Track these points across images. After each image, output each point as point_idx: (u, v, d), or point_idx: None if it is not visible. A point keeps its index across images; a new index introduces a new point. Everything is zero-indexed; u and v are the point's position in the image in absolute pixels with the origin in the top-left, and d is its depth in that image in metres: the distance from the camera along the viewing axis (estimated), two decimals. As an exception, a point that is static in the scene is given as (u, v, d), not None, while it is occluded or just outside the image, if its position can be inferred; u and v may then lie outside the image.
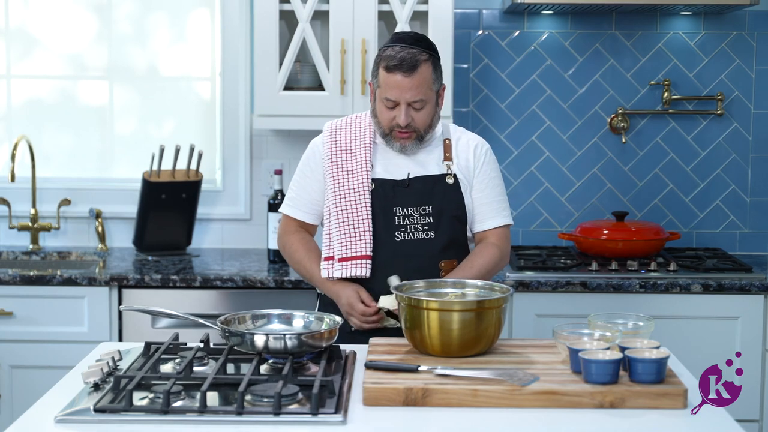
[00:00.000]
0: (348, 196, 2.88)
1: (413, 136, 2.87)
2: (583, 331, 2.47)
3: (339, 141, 2.95)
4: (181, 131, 4.31)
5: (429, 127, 2.90)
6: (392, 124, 2.86)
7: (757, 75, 4.19)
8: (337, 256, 2.88)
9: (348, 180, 2.89)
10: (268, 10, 3.87)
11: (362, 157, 2.91)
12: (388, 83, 2.83)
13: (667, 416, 2.19)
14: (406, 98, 2.82)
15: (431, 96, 2.86)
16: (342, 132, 2.96)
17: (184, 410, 2.15)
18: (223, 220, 4.28)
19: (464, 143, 2.98)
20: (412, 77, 2.81)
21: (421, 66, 2.82)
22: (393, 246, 2.87)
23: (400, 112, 2.83)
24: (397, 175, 2.91)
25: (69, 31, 4.29)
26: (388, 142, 2.90)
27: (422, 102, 2.84)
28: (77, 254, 4.17)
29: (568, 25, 4.19)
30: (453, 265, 2.90)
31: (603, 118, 4.22)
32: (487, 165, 2.98)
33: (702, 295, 3.66)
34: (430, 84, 2.85)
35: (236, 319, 2.57)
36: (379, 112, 2.89)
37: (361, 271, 2.86)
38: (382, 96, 2.85)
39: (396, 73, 2.81)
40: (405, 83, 2.81)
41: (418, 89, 2.82)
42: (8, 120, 4.33)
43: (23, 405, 3.28)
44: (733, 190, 4.24)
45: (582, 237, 3.98)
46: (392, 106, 2.85)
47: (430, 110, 2.88)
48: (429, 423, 2.17)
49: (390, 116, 2.86)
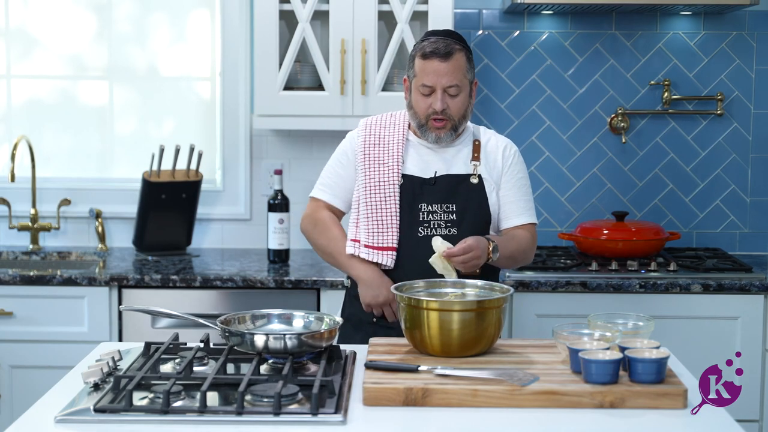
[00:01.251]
0: (378, 189, 2.97)
1: (448, 126, 2.95)
2: (583, 331, 2.47)
3: (373, 135, 3.04)
4: (181, 131, 4.31)
5: (463, 118, 2.98)
6: (428, 112, 2.94)
7: (757, 75, 4.19)
8: (363, 242, 2.98)
9: (379, 173, 2.98)
10: (268, 10, 3.87)
11: (394, 152, 3.00)
12: (425, 69, 2.92)
13: (667, 416, 2.19)
14: (442, 83, 2.90)
15: (465, 84, 2.95)
16: (377, 127, 3.06)
17: (184, 410, 2.15)
18: (223, 220, 4.28)
19: (493, 145, 3.06)
20: (448, 62, 2.90)
21: (455, 53, 2.92)
22: (416, 240, 2.94)
23: (436, 99, 2.91)
24: (425, 172, 3.00)
25: (69, 31, 4.29)
26: (424, 133, 2.98)
27: (457, 88, 2.92)
28: (77, 254, 4.17)
29: (568, 25, 4.19)
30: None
31: (603, 118, 4.22)
32: (515, 165, 3.07)
33: (702, 295, 3.66)
34: (464, 72, 2.94)
35: (236, 319, 2.57)
36: (415, 102, 2.97)
37: (386, 261, 2.95)
38: (419, 84, 2.93)
39: (432, 59, 2.91)
40: (441, 68, 2.90)
41: (453, 74, 2.91)
42: (8, 120, 4.33)
43: (23, 405, 3.28)
44: (733, 190, 4.24)
45: (582, 237, 3.98)
46: (428, 93, 2.93)
47: (465, 99, 2.96)
48: (429, 423, 2.17)
49: (426, 104, 2.93)
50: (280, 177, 4.02)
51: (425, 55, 2.92)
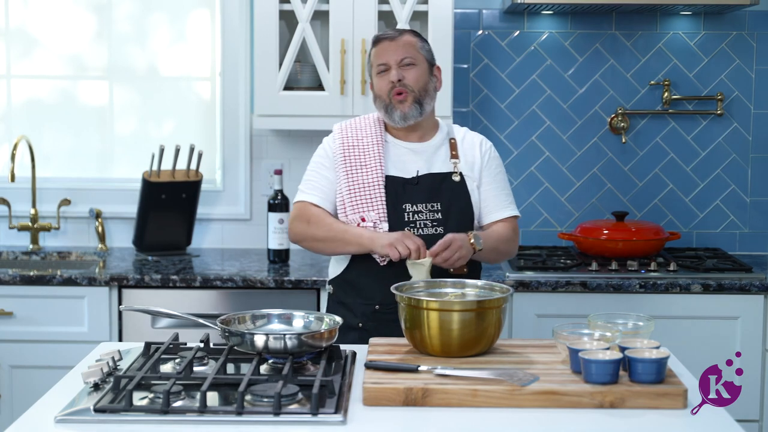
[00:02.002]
0: (362, 190, 2.97)
1: (409, 98, 2.98)
2: (583, 331, 2.47)
3: (351, 137, 3.05)
4: (181, 131, 4.31)
5: (425, 92, 3.01)
6: (388, 89, 2.98)
7: (757, 75, 4.19)
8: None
9: (362, 174, 2.98)
10: (268, 10, 3.87)
11: (375, 153, 3.00)
12: (377, 53, 3.02)
13: (667, 416, 2.19)
14: (394, 58, 2.98)
15: (420, 58, 3.01)
16: (353, 130, 3.07)
17: (184, 410, 2.15)
18: (223, 220, 4.28)
19: (469, 141, 3.09)
20: (397, 41, 3.01)
21: (405, 34, 3.04)
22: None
23: (391, 72, 2.98)
24: (406, 173, 3.01)
25: (69, 31, 4.29)
26: (390, 115, 3.00)
27: (410, 59, 2.99)
28: (77, 254, 4.17)
29: (568, 25, 4.19)
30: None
31: (603, 118, 4.22)
32: (493, 161, 3.09)
33: (702, 295, 3.66)
34: (416, 48, 3.02)
35: (236, 319, 2.57)
36: (377, 87, 3.02)
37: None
38: (376, 70, 3.01)
39: (382, 41, 3.02)
40: (390, 46, 3.00)
41: (403, 48, 2.99)
42: (8, 120, 4.33)
43: (23, 405, 3.28)
44: (733, 190, 4.24)
45: (582, 237, 3.98)
46: (384, 70, 2.99)
47: (422, 72, 3.01)
48: (429, 423, 2.17)
49: (385, 81, 2.99)
50: (280, 177, 4.01)
51: (376, 41, 3.03)
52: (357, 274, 3.00)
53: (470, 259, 2.96)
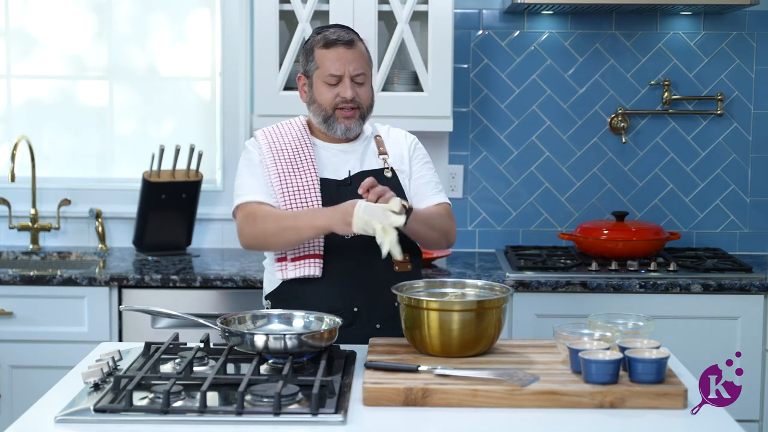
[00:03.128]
0: (297, 194, 2.84)
1: (357, 115, 2.89)
2: (583, 331, 2.47)
3: (277, 142, 2.92)
4: (181, 131, 4.31)
5: (370, 107, 2.93)
6: (335, 102, 2.86)
7: (757, 75, 4.19)
8: (290, 256, 2.85)
9: (295, 178, 2.86)
10: (268, 10, 3.87)
11: (306, 155, 2.89)
12: (330, 58, 2.85)
13: (667, 416, 2.19)
14: (350, 70, 2.85)
15: (369, 73, 2.92)
16: (277, 135, 2.95)
17: (184, 410, 2.15)
18: (223, 220, 4.28)
19: (393, 136, 3.02)
20: (353, 50, 2.87)
21: (357, 41, 2.90)
22: (343, 243, 2.83)
23: (344, 87, 2.85)
24: (338, 174, 2.91)
25: (69, 31, 4.29)
26: (330, 126, 2.88)
27: (364, 76, 2.88)
28: (77, 254, 4.17)
29: (568, 25, 4.19)
30: (405, 257, 2.84)
31: (603, 118, 4.22)
32: (418, 151, 3.03)
33: (702, 295, 3.66)
34: (367, 60, 2.92)
35: (236, 319, 2.57)
36: (319, 95, 2.88)
37: (313, 271, 2.83)
38: (324, 75, 2.86)
39: (337, 46, 2.86)
40: (348, 55, 2.85)
41: (359, 62, 2.87)
42: (8, 120, 4.33)
43: (23, 405, 3.28)
44: (733, 190, 4.24)
45: (582, 237, 3.98)
46: (335, 83, 2.86)
47: (370, 88, 2.92)
48: (429, 423, 2.17)
49: (333, 94, 2.86)
50: (280, 177, 4.01)
51: (328, 44, 2.86)
52: (294, 284, 2.85)
53: (414, 251, 2.90)
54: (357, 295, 2.84)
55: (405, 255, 2.81)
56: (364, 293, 2.84)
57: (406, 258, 2.87)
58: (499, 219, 4.26)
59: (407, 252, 2.86)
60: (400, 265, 2.87)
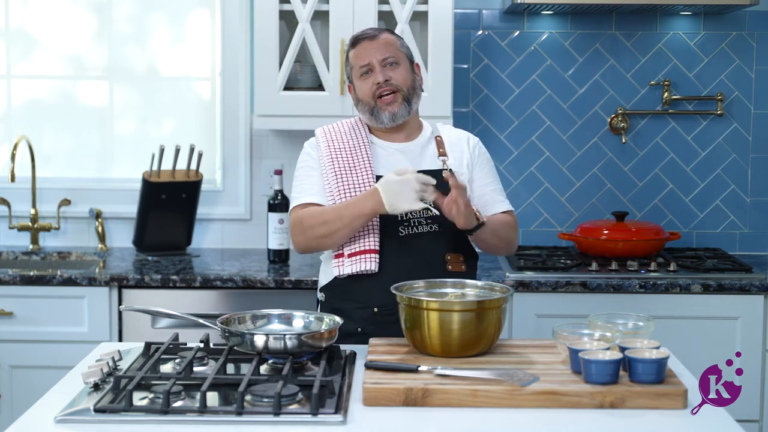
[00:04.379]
0: (354, 192, 2.87)
1: (399, 97, 2.91)
2: (583, 331, 2.47)
3: (336, 140, 2.97)
4: (181, 131, 4.31)
5: (413, 90, 2.95)
6: (373, 90, 2.91)
7: (757, 75, 4.19)
8: (347, 252, 2.87)
9: (352, 176, 2.89)
10: (268, 10, 3.87)
11: (363, 154, 2.93)
12: (358, 55, 2.94)
13: (667, 416, 2.19)
14: (376, 57, 2.91)
15: (402, 57, 2.95)
16: (336, 133, 3.00)
17: (184, 410, 2.15)
18: (223, 220, 4.28)
19: (455, 138, 3.04)
20: (377, 40, 2.93)
21: (383, 33, 2.97)
22: (398, 241, 2.87)
23: (376, 73, 2.91)
24: None
25: (69, 32, 4.29)
26: (377, 117, 2.92)
27: (394, 58, 2.92)
28: (77, 254, 4.17)
29: (568, 25, 4.19)
30: (459, 258, 2.90)
31: (603, 118, 4.22)
32: (483, 155, 3.05)
33: (702, 295, 3.66)
34: (396, 46, 2.96)
35: (236, 319, 2.57)
36: (360, 91, 2.94)
37: (370, 265, 2.84)
38: (357, 70, 2.94)
39: (361, 41, 2.95)
40: (371, 45, 2.93)
41: (385, 48, 2.92)
42: (8, 120, 4.33)
43: (23, 405, 3.28)
44: (733, 190, 4.24)
45: (582, 237, 3.98)
46: (367, 72, 2.92)
47: (407, 71, 2.95)
48: (429, 423, 2.17)
49: (369, 84, 2.92)
50: (280, 177, 4.01)
51: (354, 43, 2.96)
52: (349, 278, 2.89)
53: (468, 253, 2.92)
54: None
55: (459, 255, 2.90)
56: None
57: (460, 258, 2.90)
58: (499, 219, 4.26)
59: (462, 253, 2.92)
60: (454, 265, 2.89)
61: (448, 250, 2.90)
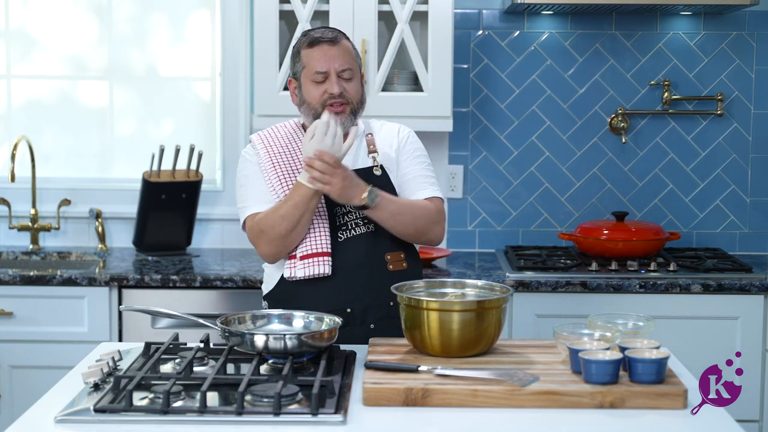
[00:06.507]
0: None
1: (347, 109, 2.87)
2: (583, 331, 2.47)
3: (273, 146, 2.93)
4: (181, 131, 4.31)
5: (360, 103, 2.91)
6: (323, 98, 2.85)
7: (757, 75, 4.19)
8: (299, 254, 2.82)
9: (294, 177, 2.85)
10: (268, 10, 3.87)
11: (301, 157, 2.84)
12: (315, 56, 2.86)
13: (667, 416, 2.19)
14: (335, 66, 2.84)
15: (356, 69, 2.90)
16: (273, 138, 2.95)
17: (184, 410, 2.15)
18: (223, 220, 4.28)
19: (386, 132, 3.00)
20: (338, 46, 2.87)
21: (342, 39, 2.89)
22: (338, 247, 2.83)
23: (331, 83, 2.84)
24: None
25: (69, 32, 4.29)
26: None
27: (350, 72, 2.87)
28: (77, 254, 4.17)
29: (568, 26, 4.19)
30: (399, 256, 2.86)
31: (603, 118, 4.22)
32: (411, 143, 2.98)
33: (702, 295, 3.66)
34: (353, 56, 2.90)
35: (236, 319, 2.57)
36: (307, 93, 2.88)
37: (323, 269, 2.80)
38: (310, 73, 2.86)
39: (321, 44, 2.86)
40: (332, 51, 2.85)
41: (344, 57, 2.86)
42: (8, 120, 4.33)
43: (23, 405, 3.28)
44: (733, 190, 4.24)
45: (582, 237, 3.98)
46: (322, 80, 2.85)
47: (358, 84, 2.90)
48: (429, 423, 2.17)
49: (320, 91, 2.85)
50: (280, 177, 4.01)
51: (313, 43, 2.87)
52: (294, 284, 2.84)
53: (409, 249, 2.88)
54: (351, 295, 2.84)
55: (399, 253, 2.86)
56: (360, 293, 2.84)
57: (401, 256, 2.88)
58: (499, 219, 4.26)
59: (401, 250, 2.88)
60: (395, 264, 2.87)
61: (387, 249, 2.86)
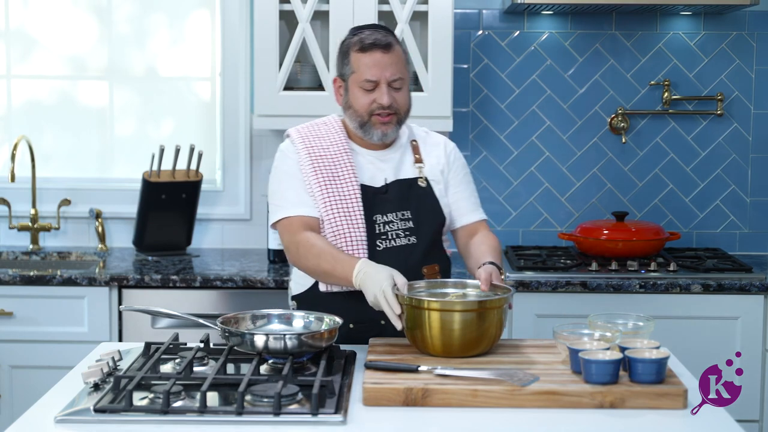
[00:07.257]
0: (340, 203, 2.75)
1: (394, 120, 2.79)
2: (583, 331, 2.48)
3: (315, 146, 2.83)
4: (181, 131, 4.31)
5: (407, 112, 2.84)
6: (371, 108, 2.76)
7: (757, 75, 4.19)
8: None
9: (337, 186, 2.77)
10: (268, 10, 3.87)
11: (346, 162, 2.80)
12: (366, 63, 2.75)
13: (667, 416, 2.19)
14: (386, 76, 2.74)
15: (407, 77, 2.81)
16: (314, 137, 2.85)
17: (184, 410, 2.15)
18: (223, 220, 4.28)
19: (432, 142, 2.94)
20: (390, 54, 2.75)
21: (395, 45, 2.78)
22: (375, 255, 2.75)
23: (381, 93, 2.74)
24: (374, 182, 2.82)
25: (69, 32, 4.29)
26: (366, 132, 2.79)
27: (401, 81, 2.77)
28: (77, 254, 4.17)
29: (568, 26, 4.19)
30: (434, 269, 2.82)
31: (603, 118, 4.22)
32: (458, 162, 2.94)
33: (702, 295, 3.66)
34: (404, 64, 2.80)
35: (236, 319, 2.57)
36: (354, 99, 2.78)
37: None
38: (359, 80, 2.75)
39: (374, 51, 2.75)
40: (384, 59, 2.74)
41: (396, 66, 2.76)
42: (8, 120, 4.33)
43: (23, 405, 3.28)
44: (733, 190, 4.24)
45: (582, 237, 3.98)
46: (371, 88, 2.76)
47: (407, 93, 2.82)
48: (429, 423, 2.17)
49: (369, 100, 2.76)
50: (280, 177, 4.01)
51: (365, 48, 2.75)
52: (329, 293, 2.77)
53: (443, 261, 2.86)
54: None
55: (435, 266, 2.82)
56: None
57: (435, 269, 2.83)
58: (499, 219, 4.26)
59: (437, 262, 2.84)
60: (430, 276, 2.79)
61: (424, 262, 2.81)
